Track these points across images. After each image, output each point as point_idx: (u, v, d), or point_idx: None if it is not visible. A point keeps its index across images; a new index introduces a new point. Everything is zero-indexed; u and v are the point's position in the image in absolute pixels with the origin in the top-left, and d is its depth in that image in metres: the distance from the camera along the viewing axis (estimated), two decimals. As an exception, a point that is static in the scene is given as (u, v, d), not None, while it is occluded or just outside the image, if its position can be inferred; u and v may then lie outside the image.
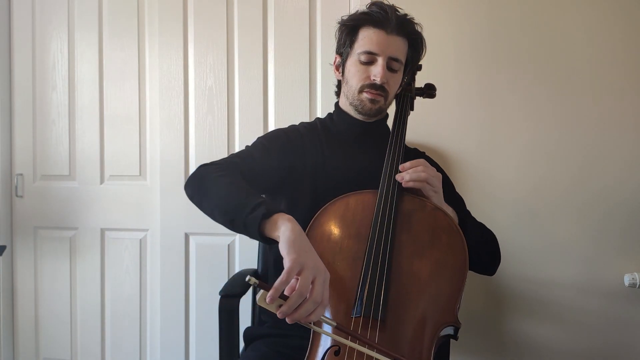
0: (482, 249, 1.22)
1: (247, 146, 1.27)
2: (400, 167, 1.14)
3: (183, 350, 1.92)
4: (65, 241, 2.01)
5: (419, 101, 1.46)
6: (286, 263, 0.84)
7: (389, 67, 1.20)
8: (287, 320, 0.84)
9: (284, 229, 0.90)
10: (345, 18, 1.26)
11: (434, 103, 1.71)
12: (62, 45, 2.00)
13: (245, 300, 1.50)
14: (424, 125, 1.72)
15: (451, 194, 1.29)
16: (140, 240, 1.94)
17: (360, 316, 0.95)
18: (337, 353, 0.93)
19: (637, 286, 1.59)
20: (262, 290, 0.81)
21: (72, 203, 2.00)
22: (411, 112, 1.36)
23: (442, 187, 1.19)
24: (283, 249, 0.87)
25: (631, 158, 1.63)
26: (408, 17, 1.23)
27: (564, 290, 1.67)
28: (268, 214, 0.93)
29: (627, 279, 1.61)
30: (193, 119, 1.90)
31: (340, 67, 1.28)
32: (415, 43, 1.25)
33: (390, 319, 0.96)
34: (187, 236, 1.90)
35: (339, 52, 1.29)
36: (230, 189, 1.02)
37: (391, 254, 1.02)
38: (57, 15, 2.00)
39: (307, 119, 1.70)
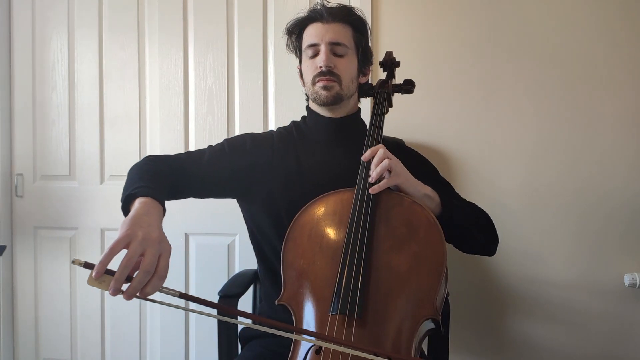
0: (476, 228, 1.21)
1: (209, 145, 1.29)
2: (363, 157, 1.12)
3: (183, 350, 1.92)
4: (65, 241, 2.01)
5: (419, 103, 1.47)
6: (116, 238, 0.83)
7: (334, 53, 1.22)
8: (123, 297, 0.81)
9: (132, 210, 0.92)
10: (288, 26, 1.30)
11: (435, 104, 1.71)
12: (62, 45, 2.00)
13: (245, 301, 1.50)
14: (424, 125, 1.72)
15: (436, 181, 1.29)
16: (140, 240, 1.94)
17: (337, 313, 0.95)
18: (318, 352, 0.94)
19: (637, 286, 1.59)
20: (90, 271, 0.79)
21: (72, 203, 2.00)
22: (390, 108, 1.35)
23: (426, 174, 1.18)
24: (120, 227, 0.86)
25: (632, 160, 1.64)
26: (343, 5, 1.27)
27: (564, 290, 1.67)
28: (133, 197, 0.96)
29: (627, 279, 1.61)
30: (193, 119, 1.90)
31: (301, 72, 1.31)
32: (356, 26, 1.27)
33: (368, 314, 0.97)
34: (187, 236, 1.90)
35: (299, 61, 1.31)
36: (136, 176, 1.06)
37: (369, 250, 1.02)
38: (57, 15, 2.00)
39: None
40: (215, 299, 1.33)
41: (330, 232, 1.08)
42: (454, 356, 1.46)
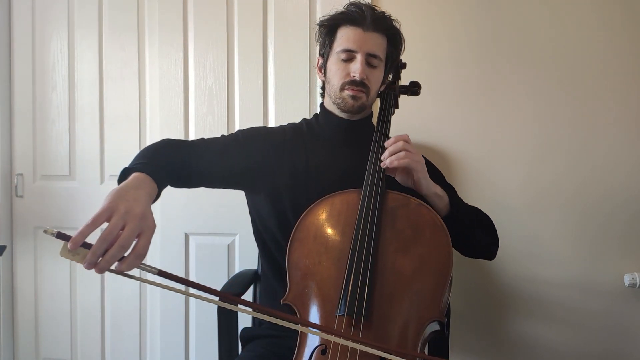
0: (479, 231, 1.22)
1: (222, 135, 1.30)
2: (385, 143, 1.13)
3: (183, 351, 1.92)
4: (65, 241, 2.01)
5: (420, 103, 1.46)
6: (98, 209, 0.81)
7: (368, 63, 1.20)
8: (95, 270, 0.79)
9: (122, 183, 0.93)
10: (323, 19, 1.27)
11: (437, 105, 1.71)
12: (62, 45, 2.00)
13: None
14: (426, 126, 1.72)
15: (442, 185, 1.28)
16: (140, 240, 1.94)
17: (344, 315, 0.95)
18: (324, 352, 0.94)
19: (637, 286, 1.59)
20: (64, 242, 0.77)
21: (72, 203, 1.99)
22: (396, 110, 1.35)
23: (432, 178, 1.19)
24: (105, 197, 0.85)
25: (633, 160, 1.63)
26: (385, 14, 1.25)
27: (564, 290, 1.67)
28: (128, 173, 0.96)
29: (627, 279, 1.61)
30: (193, 119, 1.90)
31: (323, 68, 1.29)
32: (393, 39, 1.25)
33: (374, 316, 0.97)
34: (187, 236, 1.90)
35: (320, 54, 1.30)
36: (142, 154, 1.11)
37: (375, 251, 1.02)
38: (57, 15, 2.00)
39: (307, 119, 1.70)
40: (215, 299, 1.33)
41: (336, 233, 1.07)
42: (454, 356, 1.45)
